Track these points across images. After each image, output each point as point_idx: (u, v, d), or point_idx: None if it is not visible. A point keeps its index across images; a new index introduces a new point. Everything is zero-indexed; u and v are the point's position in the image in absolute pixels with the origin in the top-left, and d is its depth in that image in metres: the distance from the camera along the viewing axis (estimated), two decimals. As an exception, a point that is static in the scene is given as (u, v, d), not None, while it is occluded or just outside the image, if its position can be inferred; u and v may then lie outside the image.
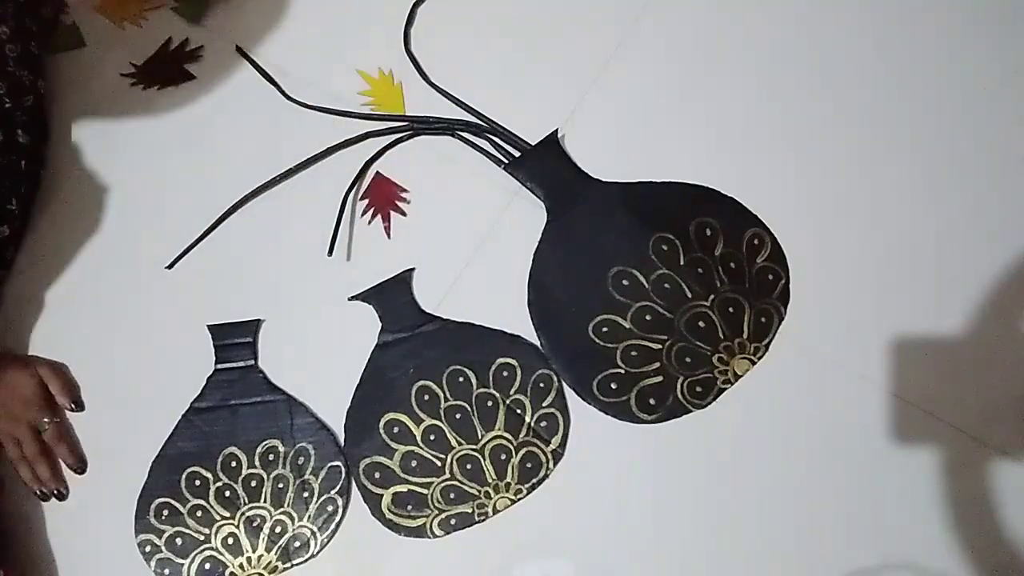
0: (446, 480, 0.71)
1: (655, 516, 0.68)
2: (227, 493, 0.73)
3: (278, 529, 0.71)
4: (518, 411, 0.72)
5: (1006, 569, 0.62)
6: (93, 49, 0.94)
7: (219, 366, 0.77)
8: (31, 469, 0.75)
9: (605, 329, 0.73)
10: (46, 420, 0.75)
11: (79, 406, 0.77)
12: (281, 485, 0.72)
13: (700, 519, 0.67)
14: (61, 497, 0.75)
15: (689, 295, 0.73)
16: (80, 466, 0.75)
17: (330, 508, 0.71)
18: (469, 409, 0.72)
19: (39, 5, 0.88)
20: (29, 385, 0.76)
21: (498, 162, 0.81)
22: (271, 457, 0.73)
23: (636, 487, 0.69)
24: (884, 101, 0.77)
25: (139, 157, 0.88)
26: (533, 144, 0.80)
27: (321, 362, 0.77)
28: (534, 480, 0.70)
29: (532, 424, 0.71)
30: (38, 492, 0.75)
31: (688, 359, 0.71)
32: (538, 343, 0.74)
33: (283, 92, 0.88)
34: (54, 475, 0.75)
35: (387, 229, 0.81)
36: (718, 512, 0.67)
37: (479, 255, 0.78)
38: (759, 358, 0.70)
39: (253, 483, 0.73)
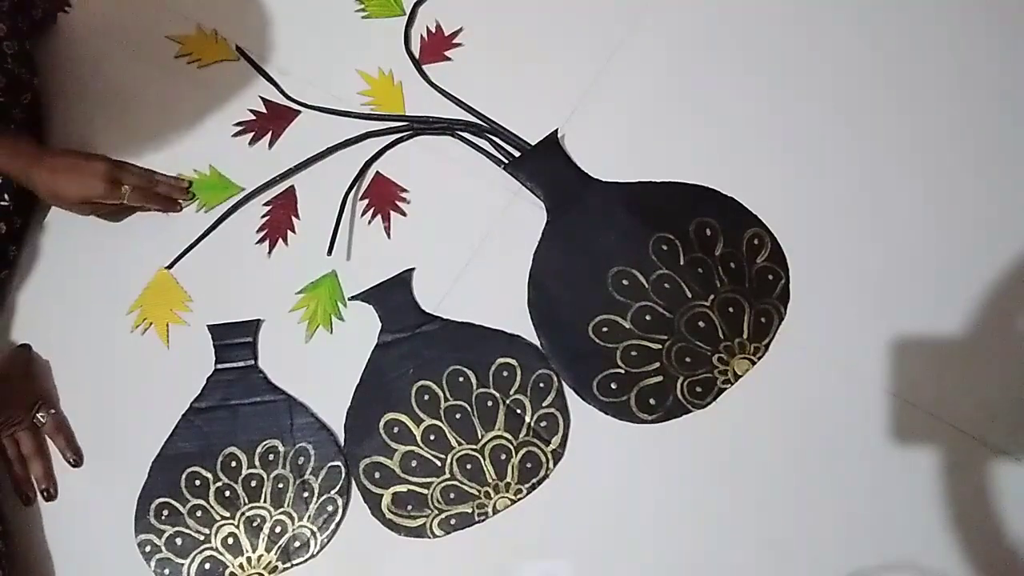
0: (446, 480, 0.70)
1: (655, 516, 0.68)
2: (227, 493, 0.73)
3: (278, 529, 0.71)
4: (518, 411, 0.72)
5: (1006, 569, 0.62)
6: (92, 46, 0.94)
7: (219, 366, 0.77)
8: (23, 468, 0.74)
9: (605, 329, 0.73)
10: (41, 415, 0.75)
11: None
12: (281, 485, 0.72)
13: (700, 519, 0.67)
14: (50, 497, 0.74)
15: (689, 295, 0.73)
16: (77, 459, 0.75)
17: (330, 508, 0.71)
18: (469, 409, 0.72)
19: (31, 7, 0.88)
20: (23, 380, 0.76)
21: (498, 162, 0.81)
22: (271, 457, 0.73)
23: (636, 487, 0.69)
24: (884, 101, 0.77)
25: (138, 157, 0.88)
26: (533, 144, 0.80)
27: (321, 362, 0.77)
28: (534, 480, 0.70)
29: (532, 424, 0.71)
30: (28, 493, 0.74)
31: (688, 359, 0.71)
32: (538, 343, 0.74)
33: (283, 92, 0.88)
34: (46, 474, 0.74)
35: (387, 229, 0.81)
36: (718, 512, 0.67)
37: (479, 255, 0.78)
38: (759, 358, 0.70)
39: (253, 483, 0.73)
